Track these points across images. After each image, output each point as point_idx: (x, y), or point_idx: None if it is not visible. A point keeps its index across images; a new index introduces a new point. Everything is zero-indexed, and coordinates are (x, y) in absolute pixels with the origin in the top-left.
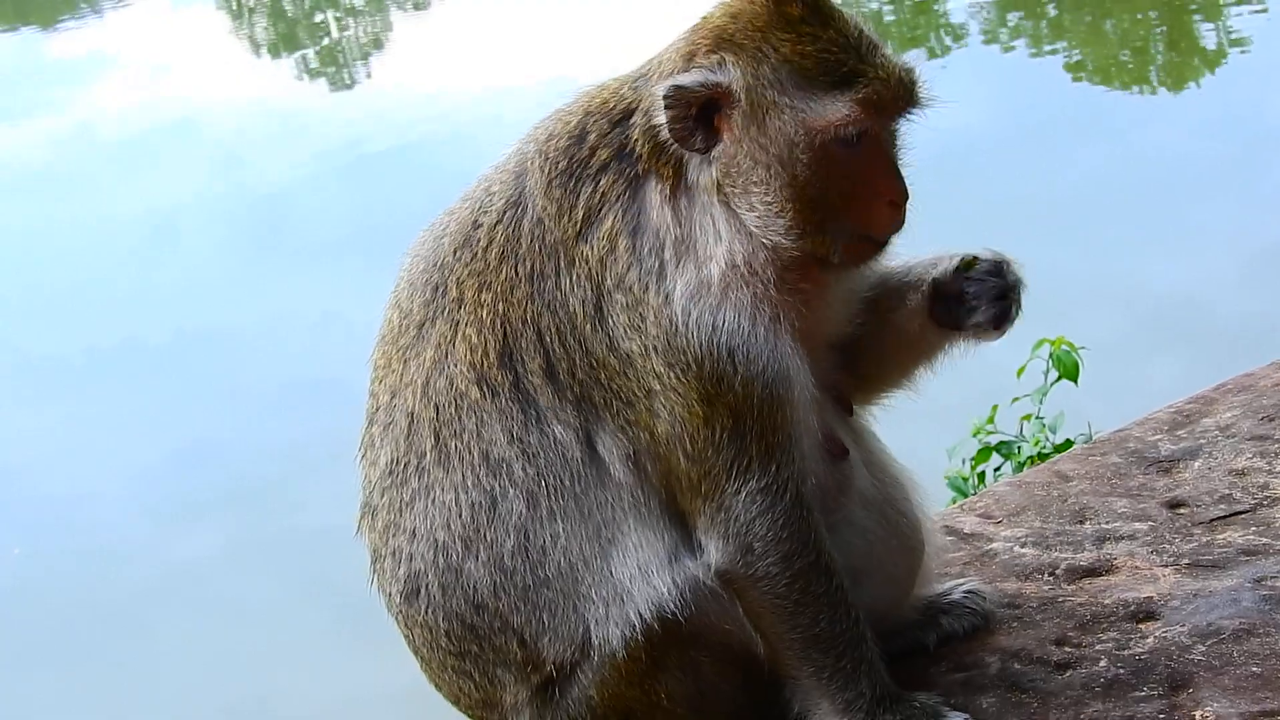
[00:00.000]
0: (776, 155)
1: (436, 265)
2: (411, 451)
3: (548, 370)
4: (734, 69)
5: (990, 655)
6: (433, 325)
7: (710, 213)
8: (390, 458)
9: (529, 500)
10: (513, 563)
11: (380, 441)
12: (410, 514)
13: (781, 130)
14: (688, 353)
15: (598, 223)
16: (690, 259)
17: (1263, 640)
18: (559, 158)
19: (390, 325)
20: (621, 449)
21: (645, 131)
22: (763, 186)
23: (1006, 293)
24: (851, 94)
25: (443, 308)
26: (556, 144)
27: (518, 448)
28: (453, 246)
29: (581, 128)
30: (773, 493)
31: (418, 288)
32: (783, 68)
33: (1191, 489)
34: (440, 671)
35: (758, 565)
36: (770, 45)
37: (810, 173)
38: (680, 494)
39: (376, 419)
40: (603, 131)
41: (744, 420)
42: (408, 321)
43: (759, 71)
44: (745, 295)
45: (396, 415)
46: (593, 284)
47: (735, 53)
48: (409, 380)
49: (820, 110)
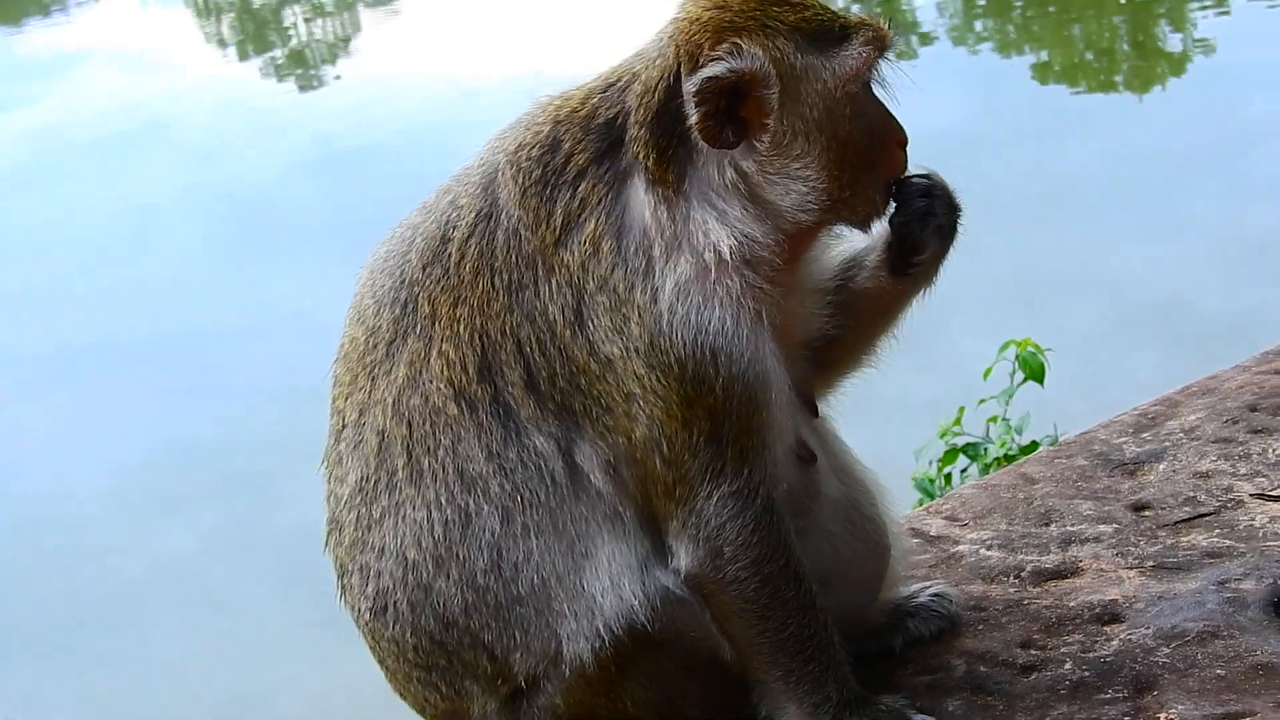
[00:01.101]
0: (817, 120)
1: (404, 282)
2: (382, 469)
3: (528, 381)
4: (753, 51)
5: (956, 658)
6: (404, 342)
7: (717, 207)
8: (360, 475)
9: (503, 517)
10: (485, 580)
11: (348, 459)
12: (378, 531)
13: (819, 91)
14: (670, 354)
15: (578, 227)
16: (680, 253)
17: (1227, 643)
18: (532, 167)
19: (354, 342)
20: (600, 457)
21: (645, 141)
22: (806, 158)
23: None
24: (859, 41)
25: (414, 324)
26: (528, 153)
27: (495, 463)
28: (421, 262)
29: (554, 137)
30: (744, 497)
31: (384, 304)
32: (794, 36)
33: (1156, 492)
34: (406, 682)
35: (727, 569)
36: (774, 20)
37: (850, 126)
38: (655, 498)
39: (343, 436)
40: (578, 139)
41: (722, 424)
42: (375, 339)
43: (779, 45)
44: (734, 287)
45: (366, 433)
46: (573, 289)
47: (745, 37)
48: (378, 398)
49: (843, 62)
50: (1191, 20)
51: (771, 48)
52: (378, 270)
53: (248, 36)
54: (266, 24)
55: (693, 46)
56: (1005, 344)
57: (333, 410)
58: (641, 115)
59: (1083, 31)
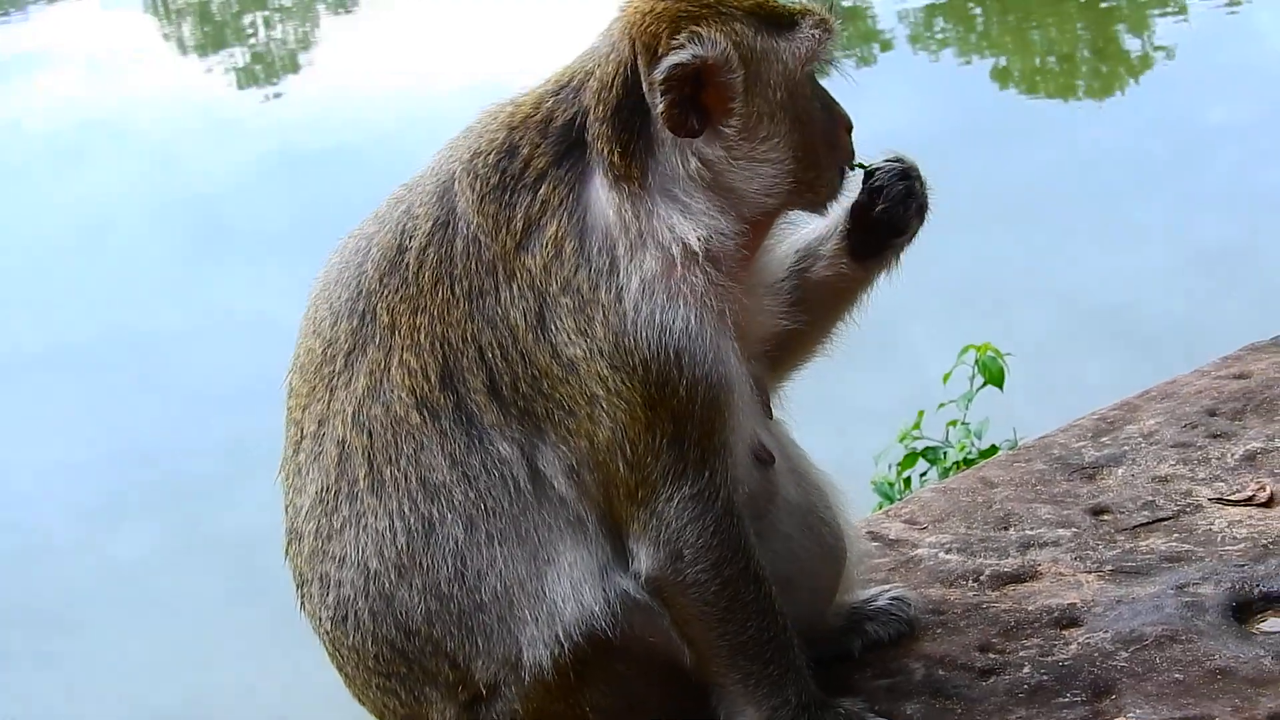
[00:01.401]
0: (781, 101)
1: (361, 293)
2: (343, 479)
3: (491, 387)
4: (713, 38)
5: (915, 662)
6: (363, 353)
7: (681, 201)
8: (320, 486)
9: (467, 525)
10: (449, 589)
11: (308, 470)
12: (339, 541)
13: (781, 73)
14: (635, 355)
15: (539, 230)
16: (645, 250)
17: (1185, 647)
18: (489, 174)
19: (311, 354)
20: (563, 461)
21: (607, 137)
22: (773, 139)
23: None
24: (809, 24)
25: (373, 335)
26: (485, 160)
27: (459, 471)
28: (378, 273)
29: (510, 142)
30: (704, 499)
31: (341, 316)
32: (750, 20)
33: (1115, 496)
34: (365, 689)
35: (687, 572)
36: (729, 6)
37: (809, 107)
38: (616, 502)
39: (302, 448)
40: (535, 143)
41: (685, 425)
42: (333, 350)
43: (737, 29)
44: (698, 285)
45: (325, 444)
46: (535, 293)
47: (703, 24)
48: (338, 409)
49: (799, 44)
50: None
51: (731, 33)
52: (332, 282)
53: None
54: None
55: (649, 37)
56: (965, 348)
57: (289, 422)
58: (601, 112)
59: (1042, 37)
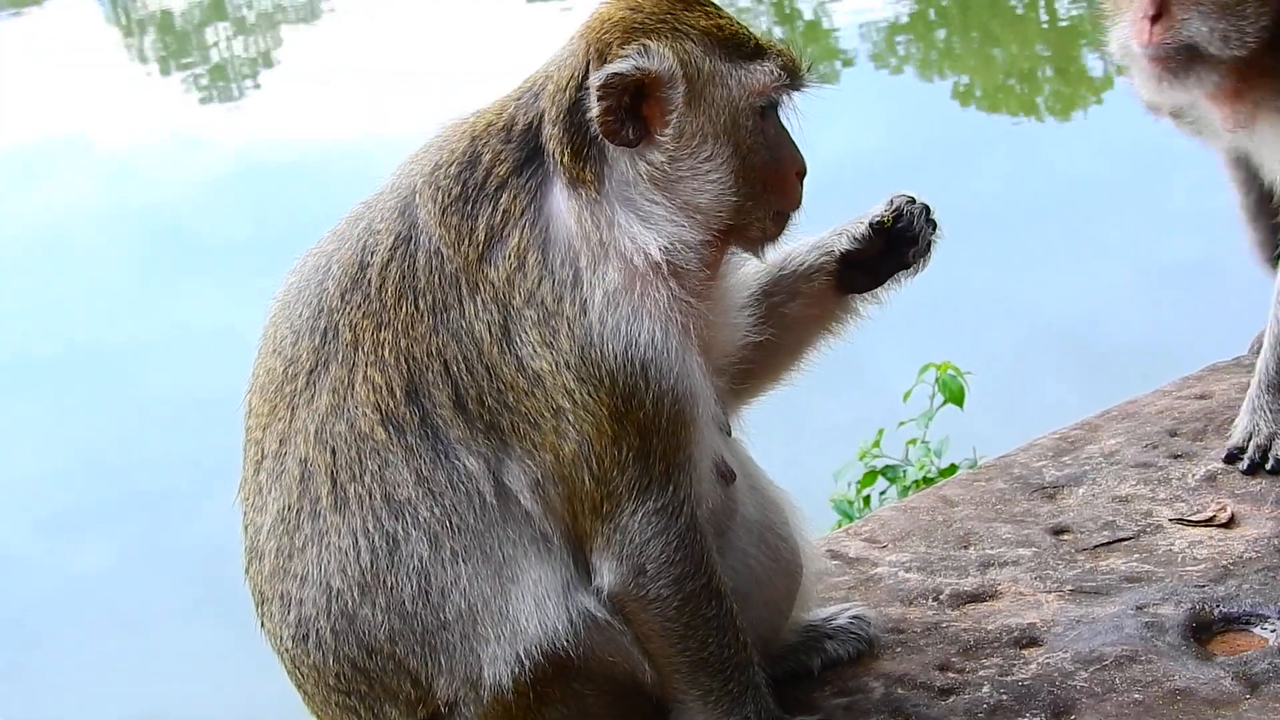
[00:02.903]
0: (723, 123)
1: (322, 310)
2: (305, 498)
3: (457, 401)
4: (660, 51)
5: (874, 680)
6: (325, 370)
7: (636, 209)
8: (282, 504)
9: (431, 542)
10: (412, 607)
11: (269, 489)
12: (301, 560)
13: (725, 96)
14: (601, 367)
15: (502, 242)
16: (608, 262)
17: (1145, 667)
18: (451, 185)
19: (271, 373)
20: (528, 476)
21: (560, 140)
22: (715, 159)
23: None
24: (771, 61)
25: (336, 352)
26: (446, 172)
27: (424, 487)
28: (339, 290)
29: (472, 152)
30: (669, 514)
31: (303, 334)
32: (704, 40)
33: (1075, 515)
34: (324, 706)
35: (650, 587)
36: (686, 24)
37: (751, 138)
38: (580, 516)
39: (263, 467)
40: (497, 151)
41: (651, 439)
42: (294, 369)
43: (687, 47)
44: (662, 298)
45: (287, 463)
46: (499, 305)
47: (654, 37)
48: (299, 427)
49: (751, 75)
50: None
51: (680, 50)
52: (292, 300)
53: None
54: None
55: (602, 45)
56: (925, 366)
57: (250, 442)
58: (554, 114)
59: (1005, 56)
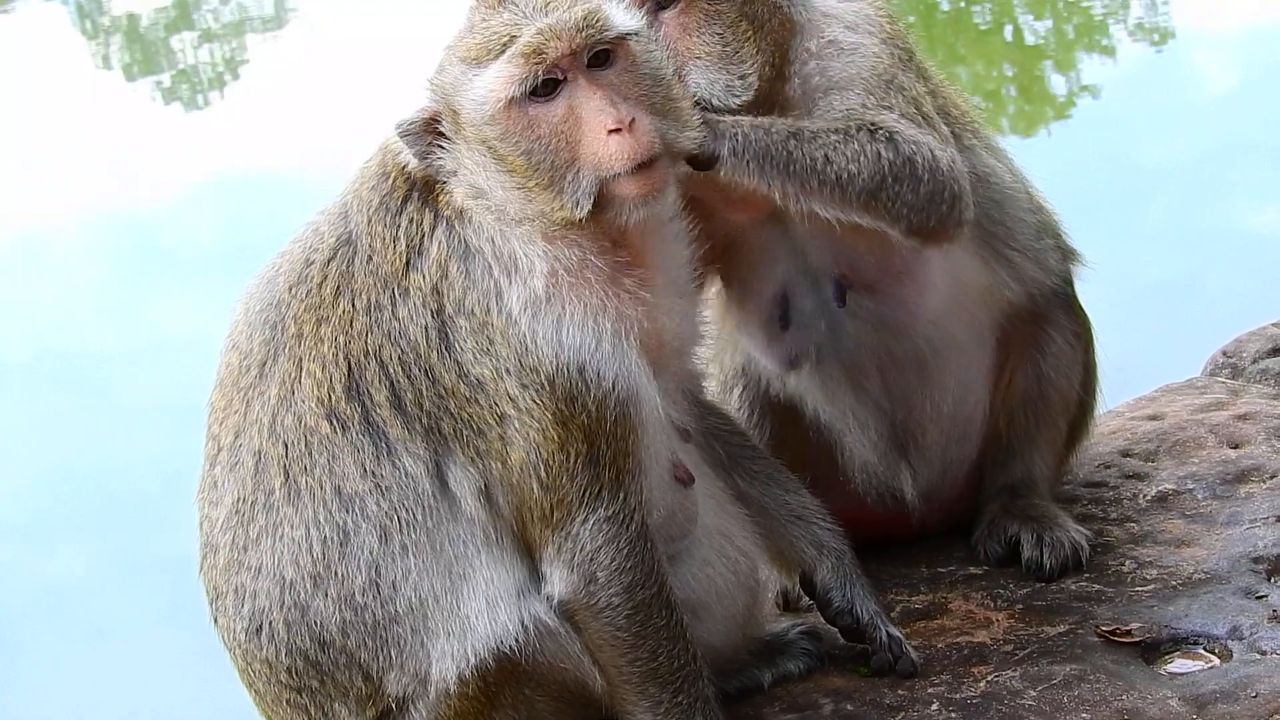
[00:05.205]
0: (480, 139)
1: (273, 304)
2: (259, 489)
3: (395, 402)
4: (431, 88)
5: (824, 697)
6: (275, 362)
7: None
8: (236, 496)
9: (381, 535)
10: (363, 599)
11: (224, 482)
12: (255, 551)
13: (469, 118)
14: (540, 371)
15: (424, 252)
16: (518, 272)
17: (1093, 686)
18: (371, 196)
19: (229, 367)
20: (472, 482)
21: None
22: (485, 172)
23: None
24: (508, 54)
25: (283, 344)
26: (367, 183)
27: (371, 481)
28: (287, 284)
29: (383, 164)
30: (619, 522)
31: (256, 327)
32: (457, 67)
33: None
34: (275, 705)
35: (600, 595)
36: (453, 54)
37: (515, 139)
38: (530, 524)
39: (219, 460)
40: (400, 168)
41: (598, 444)
42: (248, 362)
43: (443, 80)
44: (579, 304)
45: (242, 455)
46: (431, 311)
47: (435, 73)
48: (254, 419)
49: (489, 82)
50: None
51: (438, 85)
52: (250, 297)
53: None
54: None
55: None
56: None
57: (208, 437)
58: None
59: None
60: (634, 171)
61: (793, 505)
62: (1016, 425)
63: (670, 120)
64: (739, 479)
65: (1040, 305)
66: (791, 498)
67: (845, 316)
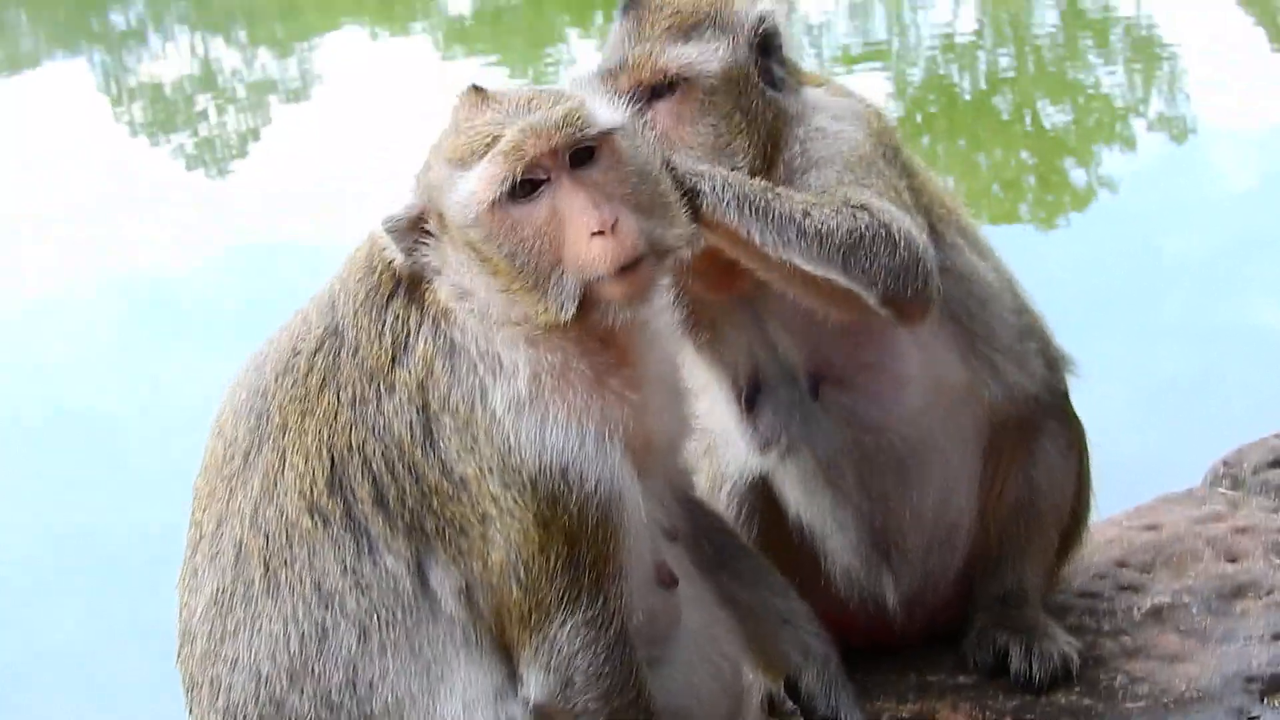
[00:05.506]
0: (464, 240)
1: (259, 392)
2: (239, 580)
3: (377, 498)
4: (417, 186)
5: None
6: (259, 453)
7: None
8: (216, 586)
9: (360, 633)
10: (340, 697)
11: (205, 571)
12: (232, 643)
13: (454, 219)
14: (523, 472)
15: (410, 348)
16: (502, 372)
17: None
18: (357, 289)
19: (214, 455)
20: (453, 581)
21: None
22: (469, 273)
23: None
24: (490, 155)
25: (268, 434)
26: (354, 275)
27: (351, 579)
28: (274, 373)
29: (370, 256)
30: (598, 626)
31: (242, 415)
32: (442, 167)
33: None
34: None
35: (576, 700)
36: (438, 154)
37: (499, 241)
38: (508, 626)
39: (200, 549)
40: (386, 260)
41: (579, 546)
42: (232, 450)
43: (428, 179)
44: (563, 405)
45: (223, 544)
46: (416, 407)
47: (422, 171)
48: (236, 509)
49: (471, 183)
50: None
51: (424, 184)
52: (238, 384)
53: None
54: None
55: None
56: None
57: (191, 523)
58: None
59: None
60: (618, 274)
61: (780, 608)
62: (1007, 534)
63: (657, 218)
64: (727, 580)
65: (1030, 412)
66: (779, 600)
67: (819, 410)
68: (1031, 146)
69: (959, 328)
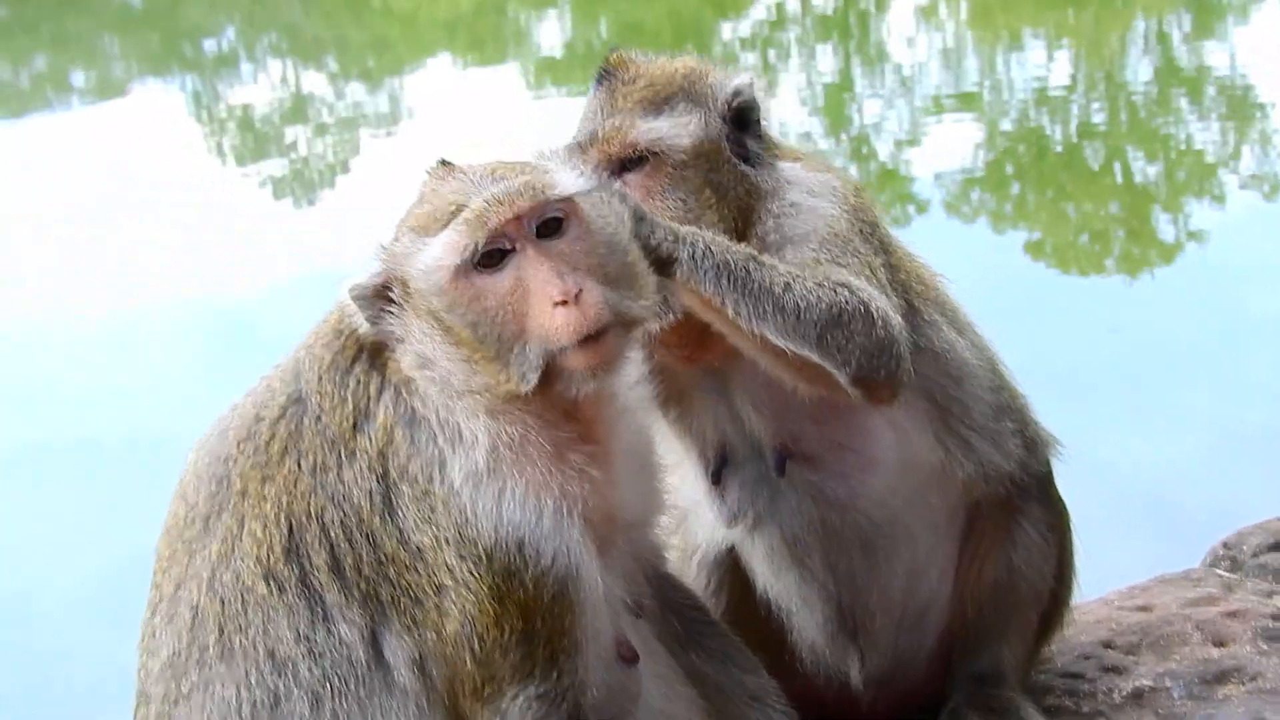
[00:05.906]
0: (427, 309)
1: (221, 458)
2: (194, 644)
3: (333, 566)
4: (383, 255)
5: None
6: (218, 518)
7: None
8: (172, 649)
9: (313, 701)
10: None
11: (162, 632)
12: (185, 706)
13: (417, 288)
14: (479, 544)
15: (370, 416)
16: (461, 443)
17: None
18: (323, 353)
19: (175, 517)
20: (407, 651)
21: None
22: (432, 342)
23: None
24: (453, 223)
25: (228, 500)
26: (321, 340)
27: (304, 646)
28: (236, 439)
29: (338, 323)
30: (551, 701)
31: (203, 480)
32: (407, 236)
33: None
34: None
35: None
36: (404, 224)
37: (462, 311)
38: (461, 698)
39: (159, 610)
40: (353, 328)
41: (534, 620)
42: (193, 514)
43: (394, 248)
44: (521, 479)
45: (180, 608)
46: (376, 476)
47: (389, 241)
48: (194, 573)
49: (435, 250)
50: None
51: (389, 255)
52: (201, 448)
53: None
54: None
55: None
56: None
57: (152, 585)
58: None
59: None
60: (582, 344)
61: (749, 685)
62: (985, 615)
63: (624, 289)
64: (694, 656)
65: (1007, 493)
66: (748, 678)
67: (785, 486)
68: (1121, 198)
69: (933, 405)
